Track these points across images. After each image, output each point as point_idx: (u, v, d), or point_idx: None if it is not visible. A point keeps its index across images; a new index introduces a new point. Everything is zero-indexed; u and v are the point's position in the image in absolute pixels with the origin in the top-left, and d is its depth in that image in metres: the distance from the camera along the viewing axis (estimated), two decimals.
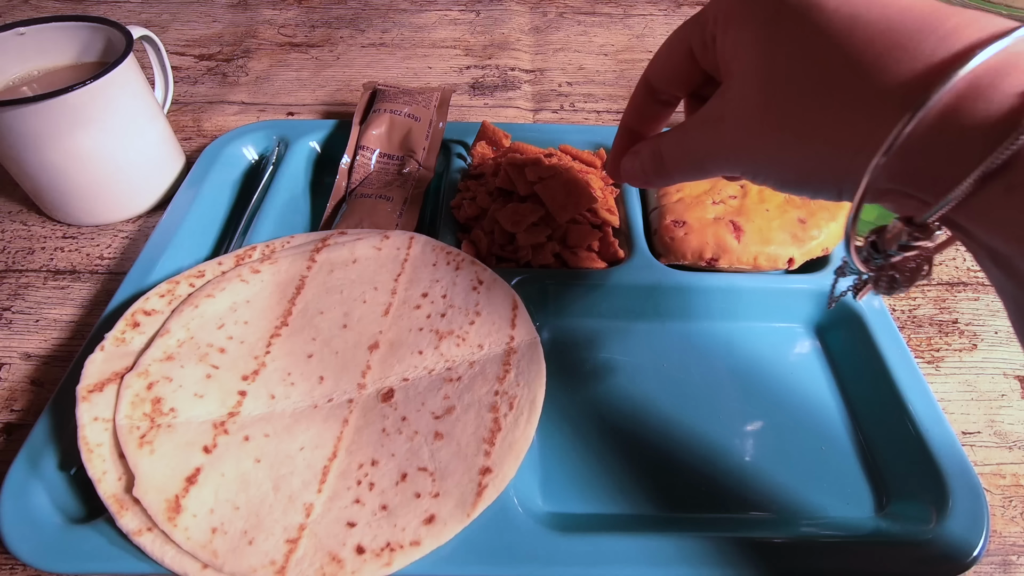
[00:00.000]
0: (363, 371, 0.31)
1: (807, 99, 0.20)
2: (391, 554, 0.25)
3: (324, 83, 0.59)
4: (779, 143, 0.21)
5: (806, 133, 0.20)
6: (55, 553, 0.25)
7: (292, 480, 0.27)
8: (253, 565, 0.24)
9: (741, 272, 0.37)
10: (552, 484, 0.30)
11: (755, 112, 0.21)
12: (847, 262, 0.22)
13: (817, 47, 0.19)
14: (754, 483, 0.31)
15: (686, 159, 0.26)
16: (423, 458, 0.28)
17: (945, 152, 0.17)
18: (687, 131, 0.25)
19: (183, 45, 0.63)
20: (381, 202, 0.40)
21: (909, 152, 0.18)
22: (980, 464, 0.32)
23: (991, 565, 0.29)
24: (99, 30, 0.42)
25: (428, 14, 0.69)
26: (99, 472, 0.26)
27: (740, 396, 0.34)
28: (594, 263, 0.38)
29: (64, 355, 0.36)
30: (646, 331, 0.37)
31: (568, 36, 0.66)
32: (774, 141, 0.21)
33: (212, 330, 0.32)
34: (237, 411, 0.29)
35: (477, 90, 0.58)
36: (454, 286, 0.34)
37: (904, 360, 0.33)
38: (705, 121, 0.24)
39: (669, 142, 0.27)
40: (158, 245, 0.37)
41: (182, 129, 0.53)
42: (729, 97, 0.23)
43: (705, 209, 0.38)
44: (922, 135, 0.17)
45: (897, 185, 0.19)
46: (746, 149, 0.22)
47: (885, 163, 0.18)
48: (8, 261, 0.41)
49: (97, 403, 0.28)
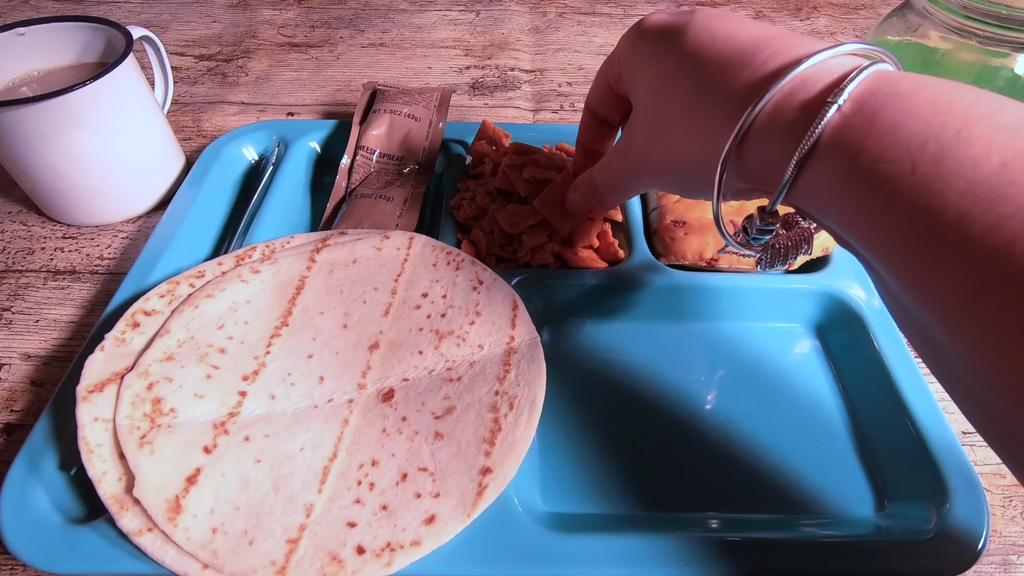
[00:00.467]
0: (363, 371, 0.31)
1: (676, 119, 0.25)
2: (391, 554, 0.25)
3: (324, 83, 0.59)
4: (664, 159, 0.26)
5: (679, 146, 0.25)
6: (55, 553, 0.25)
7: (292, 480, 0.27)
8: (253, 565, 0.24)
9: (741, 272, 0.37)
10: (552, 484, 0.30)
11: (647, 137, 0.27)
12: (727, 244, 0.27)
13: (679, 77, 0.24)
14: (754, 483, 0.31)
15: (612, 184, 0.31)
16: (423, 458, 0.28)
17: (772, 149, 0.21)
18: (609, 161, 0.31)
19: (183, 45, 0.63)
20: (381, 202, 0.40)
21: (745, 161, 0.22)
22: (980, 464, 0.32)
23: (991, 565, 0.29)
24: (99, 30, 0.42)
25: (428, 14, 0.69)
26: (99, 472, 0.26)
27: (740, 396, 0.34)
28: (594, 263, 0.38)
29: (64, 355, 0.36)
30: (646, 331, 0.37)
31: (568, 36, 0.66)
32: (661, 159, 0.26)
33: (212, 330, 0.32)
34: (237, 411, 0.29)
35: (477, 90, 0.58)
36: (454, 286, 0.34)
37: (904, 360, 0.33)
38: (619, 151, 0.30)
39: (598, 172, 0.32)
40: (158, 245, 0.37)
41: (182, 129, 0.53)
42: (632, 127, 0.28)
43: (705, 209, 0.38)
44: (752, 144, 0.22)
45: (748, 184, 0.23)
46: (646, 168, 0.28)
47: (732, 169, 0.23)
48: (8, 261, 0.41)
49: (97, 403, 0.28)
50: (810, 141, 0.19)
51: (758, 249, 0.26)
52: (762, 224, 0.24)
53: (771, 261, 0.26)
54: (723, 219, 0.25)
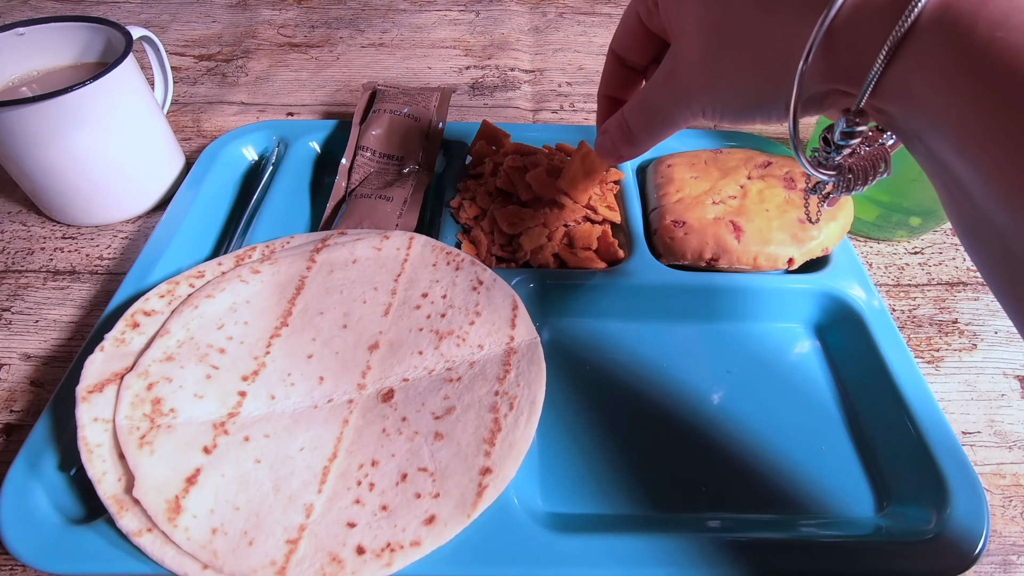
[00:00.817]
0: (363, 371, 0.31)
1: (740, 32, 0.22)
2: (391, 554, 0.25)
3: (324, 83, 0.59)
4: (727, 77, 0.24)
5: (745, 61, 0.23)
6: (55, 553, 0.25)
7: (292, 480, 0.27)
8: (253, 566, 0.24)
9: (741, 272, 0.37)
10: (552, 484, 0.30)
11: (702, 57, 0.24)
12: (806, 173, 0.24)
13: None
14: (754, 483, 0.31)
15: (650, 117, 0.28)
16: (423, 458, 0.28)
17: (859, 41, 0.19)
18: (646, 93, 0.28)
19: (183, 45, 0.63)
20: (381, 202, 0.40)
21: (832, 50, 0.19)
22: (980, 464, 0.32)
23: (991, 565, 0.29)
24: (99, 30, 0.42)
25: (428, 14, 0.69)
26: (99, 473, 0.26)
27: (740, 396, 0.34)
28: (594, 263, 0.38)
29: (64, 355, 0.36)
30: (646, 331, 0.37)
31: (568, 36, 0.66)
32: (723, 76, 0.24)
33: (212, 330, 0.32)
34: (237, 411, 0.29)
35: (477, 90, 0.58)
36: (454, 286, 0.34)
37: (904, 360, 0.33)
38: (660, 79, 0.27)
39: (630, 108, 0.29)
40: (158, 245, 0.37)
41: (182, 129, 0.53)
42: (678, 52, 0.25)
43: (705, 209, 0.38)
44: (839, 31, 0.19)
45: (830, 85, 0.21)
46: (700, 91, 0.25)
47: (814, 65, 0.20)
48: (8, 261, 0.41)
49: (97, 404, 0.28)
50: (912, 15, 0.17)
51: (831, 170, 0.23)
52: (847, 127, 0.21)
53: (847, 185, 0.23)
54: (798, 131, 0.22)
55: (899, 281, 0.42)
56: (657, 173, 0.42)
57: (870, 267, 0.43)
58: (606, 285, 0.37)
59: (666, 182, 0.41)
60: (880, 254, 0.44)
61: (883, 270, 0.43)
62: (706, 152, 0.43)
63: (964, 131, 0.17)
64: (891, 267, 0.43)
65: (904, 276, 0.42)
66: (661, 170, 0.42)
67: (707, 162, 0.42)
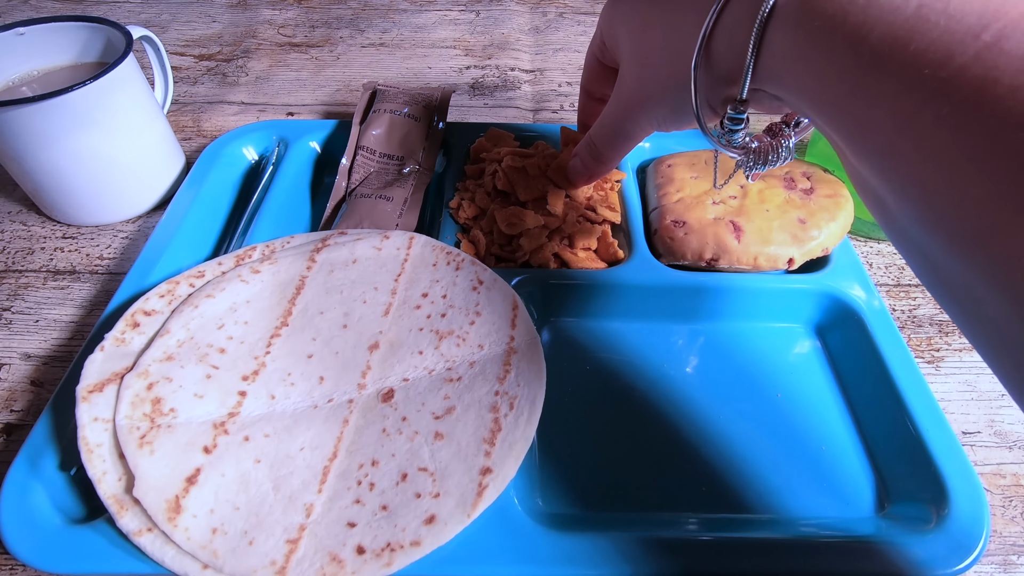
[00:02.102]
0: (363, 371, 0.31)
1: (654, 52, 0.27)
2: (391, 554, 0.25)
3: (324, 83, 0.59)
4: (651, 91, 0.28)
5: (661, 75, 0.27)
6: (55, 553, 0.25)
7: (292, 480, 0.27)
8: (253, 566, 0.24)
9: (741, 272, 0.37)
10: (552, 484, 0.30)
11: (633, 77, 0.29)
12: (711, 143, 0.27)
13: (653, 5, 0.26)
14: (754, 483, 0.31)
15: (609, 135, 0.32)
16: (423, 458, 0.28)
17: (740, 34, 0.21)
18: (603, 114, 0.33)
19: (183, 45, 0.63)
20: (381, 202, 0.40)
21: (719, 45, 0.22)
22: (980, 464, 0.33)
23: (991, 565, 0.29)
24: (99, 30, 0.42)
25: (428, 14, 0.69)
26: (99, 472, 0.26)
27: (740, 396, 0.34)
28: (594, 263, 0.38)
29: (64, 355, 0.36)
30: (646, 331, 0.37)
31: (568, 36, 0.66)
32: (648, 91, 0.28)
33: (212, 330, 0.32)
34: (237, 411, 0.29)
35: (477, 90, 0.58)
36: (454, 286, 0.34)
37: (904, 360, 0.33)
38: (611, 101, 0.31)
39: (594, 130, 0.34)
40: (158, 245, 0.37)
41: (182, 129, 0.53)
42: (621, 76, 0.30)
43: (705, 209, 0.38)
44: (725, 27, 0.22)
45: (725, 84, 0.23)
46: (637, 107, 0.29)
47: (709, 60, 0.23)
48: (8, 261, 0.41)
49: (97, 403, 0.28)
50: (766, 8, 0.19)
51: (739, 151, 0.27)
52: (732, 112, 0.24)
53: (751, 164, 0.27)
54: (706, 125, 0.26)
55: (899, 281, 0.42)
56: (657, 173, 0.42)
57: (870, 267, 0.43)
58: (606, 285, 0.37)
59: (666, 182, 0.41)
60: (880, 254, 0.44)
61: (883, 270, 0.43)
62: (706, 152, 0.43)
63: (823, 99, 0.19)
64: (891, 267, 0.43)
65: (904, 276, 0.42)
66: (661, 170, 0.42)
67: (707, 162, 0.42)
